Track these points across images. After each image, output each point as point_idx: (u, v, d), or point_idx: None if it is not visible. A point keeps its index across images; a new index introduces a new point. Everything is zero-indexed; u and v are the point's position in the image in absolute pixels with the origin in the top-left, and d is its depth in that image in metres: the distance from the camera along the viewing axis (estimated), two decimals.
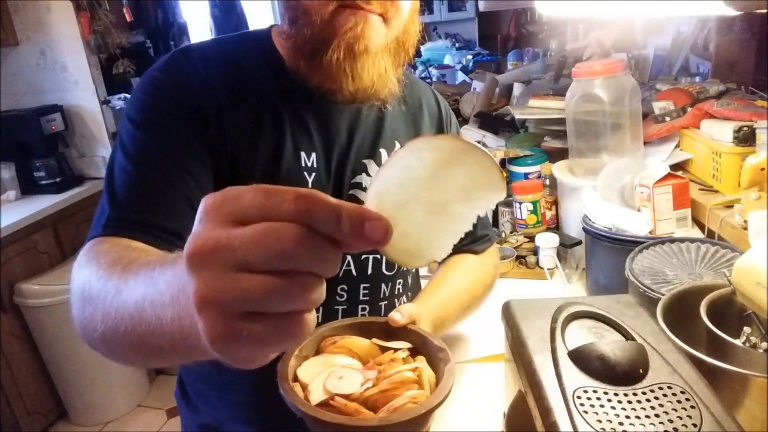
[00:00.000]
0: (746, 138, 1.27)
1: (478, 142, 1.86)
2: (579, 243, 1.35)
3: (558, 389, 0.57)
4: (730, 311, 0.77)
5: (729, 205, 1.22)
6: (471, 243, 1.03)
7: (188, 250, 0.32)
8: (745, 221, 1.10)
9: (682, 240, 1.06)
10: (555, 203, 1.53)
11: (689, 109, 1.48)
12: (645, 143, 1.50)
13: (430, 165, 0.39)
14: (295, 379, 0.61)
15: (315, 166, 0.80)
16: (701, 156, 1.41)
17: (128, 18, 2.98)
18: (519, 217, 1.51)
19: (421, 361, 0.67)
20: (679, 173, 1.29)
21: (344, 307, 0.86)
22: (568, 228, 1.46)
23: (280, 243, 0.31)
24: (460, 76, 3.72)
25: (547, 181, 1.55)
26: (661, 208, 1.18)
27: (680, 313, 0.78)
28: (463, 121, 2.32)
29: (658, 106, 1.55)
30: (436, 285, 0.93)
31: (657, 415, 0.54)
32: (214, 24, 3.91)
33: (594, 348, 0.60)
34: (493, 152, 1.67)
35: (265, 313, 0.32)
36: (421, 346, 0.70)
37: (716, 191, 1.33)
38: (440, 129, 0.97)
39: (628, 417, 0.54)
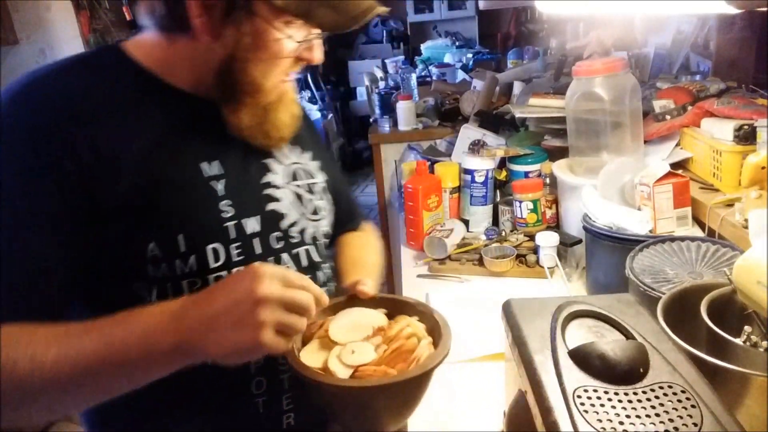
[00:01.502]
0: (747, 136, 1.27)
1: (478, 140, 1.86)
2: (579, 242, 1.35)
3: (558, 388, 0.57)
4: (731, 310, 0.77)
5: (729, 204, 1.22)
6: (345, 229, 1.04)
7: (260, 294, 0.58)
8: (746, 220, 1.10)
9: (682, 239, 1.05)
10: (555, 202, 1.53)
11: (690, 108, 1.48)
12: (645, 142, 1.50)
13: None
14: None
15: (222, 172, 0.75)
16: (702, 155, 1.41)
17: (128, 17, 2.98)
18: (519, 215, 1.51)
19: (407, 320, 0.75)
20: (680, 172, 1.29)
21: None
22: (569, 227, 1.46)
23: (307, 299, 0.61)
24: (460, 75, 3.72)
25: (548, 180, 1.55)
26: (662, 207, 1.18)
27: (681, 312, 0.78)
28: (464, 119, 2.32)
29: (658, 105, 1.55)
30: (353, 257, 0.97)
31: (657, 415, 0.54)
32: None
33: (594, 347, 0.60)
34: (494, 151, 1.67)
35: (284, 332, 0.60)
36: (399, 308, 0.79)
37: (717, 190, 1.33)
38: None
39: (628, 416, 0.54)
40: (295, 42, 0.71)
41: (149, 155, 0.70)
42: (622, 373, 0.58)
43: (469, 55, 4.42)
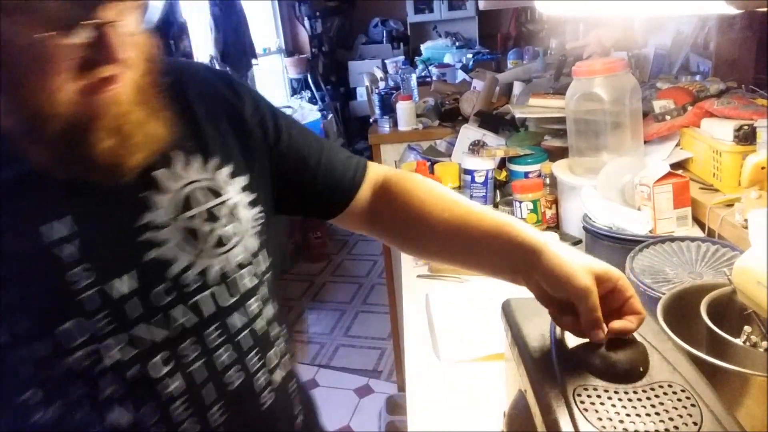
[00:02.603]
0: (747, 137, 1.27)
1: (478, 140, 1.86)
2: (579, 242, 1.35)
3: (558, 387, 0.57)
4: (731, 310, 0.77)
5: (729, 204, 1.22)
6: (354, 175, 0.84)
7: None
8: (746, 220, 1.10)
9: (682, 239, 1.06)
10: (555, 202, 1.53)
11: (689, 108, 1.48)
12: (645, 142, 1.50)
13: None
14: None
15: (74, 230, 0.59)
16: (701, 155, 1.41)
17: None
18: (519, 215, 1.50)
19: None
20: (680, 172, 1.29)
21: (202, 361, 0.66)
22: (568, 227, 1.46)
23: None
24: (460, 75, 3.72)
25: (547, 180, 1.55)
26: (662, 207, 1.18)
27: (680, 312, 0.78)
28: (464, 119, 2.32)
29: (658, 105, 1.55)
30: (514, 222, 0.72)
31: (657, 413, 0.54)
32: (213, 23, 3.91)
33: (594, 346, 0.60)
34: (494, 151, 1.67)
35: None
36: None
37: (716, 190, 1.33)
38: (239, 121, 0.75)
39: (628, 415, 0.54)
40: (59, 43, 0.52)
41: None
42: (621, 372, 0.58)
43: (469, 56, 4.42)
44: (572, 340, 0.64)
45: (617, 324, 0.61)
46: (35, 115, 0.54)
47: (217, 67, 3.91)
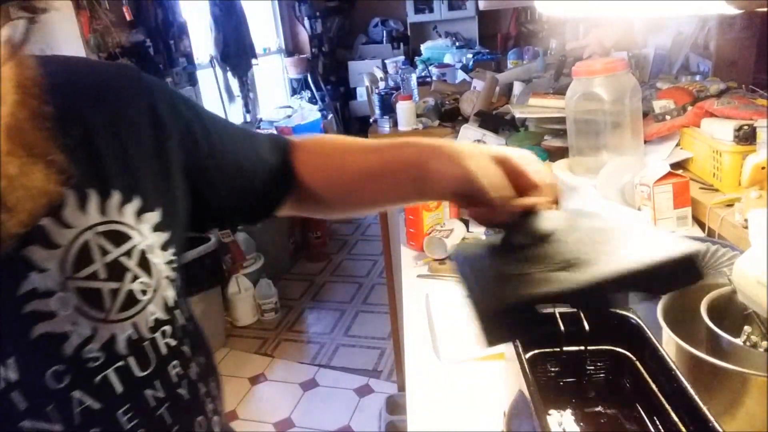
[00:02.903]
0: (747, 137, 1.27)
1: (478, 140, 1.86)
2: None
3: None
4: (731, 310, 0.77)
5: (729, 204, 1.22)
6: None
7: None
8: (746, 220, 1.10)
9: None
10: (555, 202, 1.53)
11: (689, 108, 1.48)
12: (645, 142, 1.50)
13: None
14: None
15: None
16: (702, 155, 1.41)
17: (128, 17, 2.98)
18: None
19: None
20: (680, 172, 1.29)
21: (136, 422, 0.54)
22: None
23: None
24: (460, 75, 3.72)
25: None
26: (662, 207, 1.18)
27: (681, 312, 0.78)
28: (464, 119, 2.32)
29: (658, 105, 1.55)
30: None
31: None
32: (213, 23, 3.91)
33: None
34: None
35: None
36: None
37: (717, 190, 1.33)
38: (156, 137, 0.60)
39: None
40: None
41: None
42: None
43: (469, 56, 4.42)
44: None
45: (527, 200, 0.58)
46: None
47: (218, 67, 3.91)
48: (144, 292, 0.55)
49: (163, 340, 0.57)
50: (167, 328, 0.57)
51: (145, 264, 0.55)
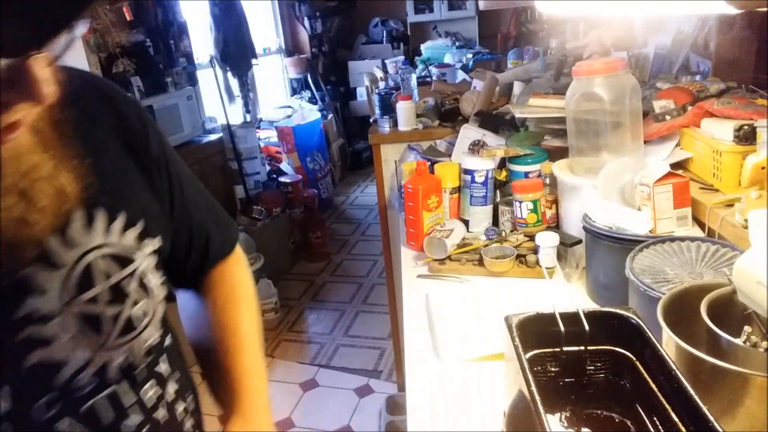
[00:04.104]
0: (747, 137, 1.27)
1: (478, 140, 1.86)
2: (579, 242, 1.35)
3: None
4: (731, 310, 0.77)
5: (729, 204, 1.22)
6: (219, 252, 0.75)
7: None
8: (746, 220, 1.10)
9: (682, 239, 1.05)
10: (555, 202, 1.53)
11: (690, 108, 1.48)
12: (645, 142, 1.50)
13: None
14: None
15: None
16: (702, 155, 1.41)
17: (128, 17, 2.98)
18: (519, 216, 1.50)
19: None
20: (680, 172, 1.29)
21: None
22: (568, 227, 1.46)
23: None
24: (460, 75, 3.72)
25: (548, 180, 1.55)
26: (662, 207, 1.18)
27: (681, 312, 0.78)
28: (464, 119, 2.32)
29: (658, 105, 1.55)
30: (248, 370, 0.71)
31: None
32: (213, 23, 3.91)
33: None
34: (494, 151, 1.67)
35: None
36: None
37: (717, 190, 1.33)
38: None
39: None
40: None
41: None
42: None
43: (469, 56, 4.43)
44: None
45: None
46: None
47: (218, 67, 3.91)
48: (144, 316, 0.54)
49: (161, 366, 0.57)
50: (159, 351, 0.57)
51: (144, 287, 0.54)
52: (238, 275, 0.77)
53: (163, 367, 0.59)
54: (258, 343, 0.75)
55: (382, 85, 3.35)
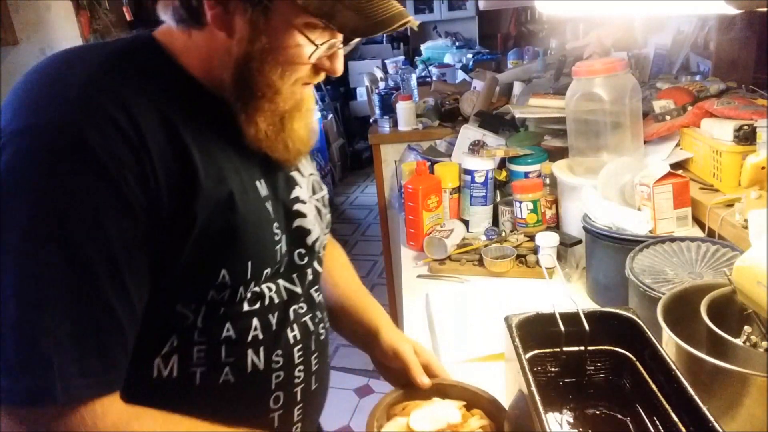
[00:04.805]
0: (747, 137, 1.27)
1: (478, 140, 1.86)
2: (579, 242, 1.35)
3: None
4: (731, 310, 0.77)
5: (729, 204, 1.22)
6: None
7: None
8: (746, 220, 1.10)
9: (682, 239, 1.06)
10: (555, 202, 1.53)
11: (689, 108, 1.48)
12: (645, 142, 1.50)
13: None
14: None
15: (268, 193, 0.71)
16: (701, 155, 1.41)
17: (128, 17, 2.98)
18: (519, 216, 1.50)
19: (479, 416, 0.80)
20: (680, 172, 1.29)
21: (308, 316, 0.79)
22: (569, 227, 1.46)
23: None
24: (460, 75, 3.72)
25: (548, 180, 1.55)
26: (662, 207, 1.18)
27: (681, 313, 0.78)
28: (464, 119, 2.32)
29: (658, 105, 1.55)
30: (372, 304, 1.04)
31: None
32: None
33: None
34: (494, 151, 1.67)
35: None
36: (473, 401, 0.84)
37: (716, 190, 1.33)
38: None
39: None
40: (316, 47, 0.65)
41: (220, 171, 0.65)
42: None
43: (469, 56, 4.43)
44: None
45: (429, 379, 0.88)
46: (271, 88, 0.65)
47: None
48: (330, 224, 0.86)
49: (316, 290, 0.82)
50: (319, 280, 0.83)
51: (326, 206, 0.84)
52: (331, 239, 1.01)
53: (319, 298, 0.82)
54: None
55: (382, 85, 3.35)
